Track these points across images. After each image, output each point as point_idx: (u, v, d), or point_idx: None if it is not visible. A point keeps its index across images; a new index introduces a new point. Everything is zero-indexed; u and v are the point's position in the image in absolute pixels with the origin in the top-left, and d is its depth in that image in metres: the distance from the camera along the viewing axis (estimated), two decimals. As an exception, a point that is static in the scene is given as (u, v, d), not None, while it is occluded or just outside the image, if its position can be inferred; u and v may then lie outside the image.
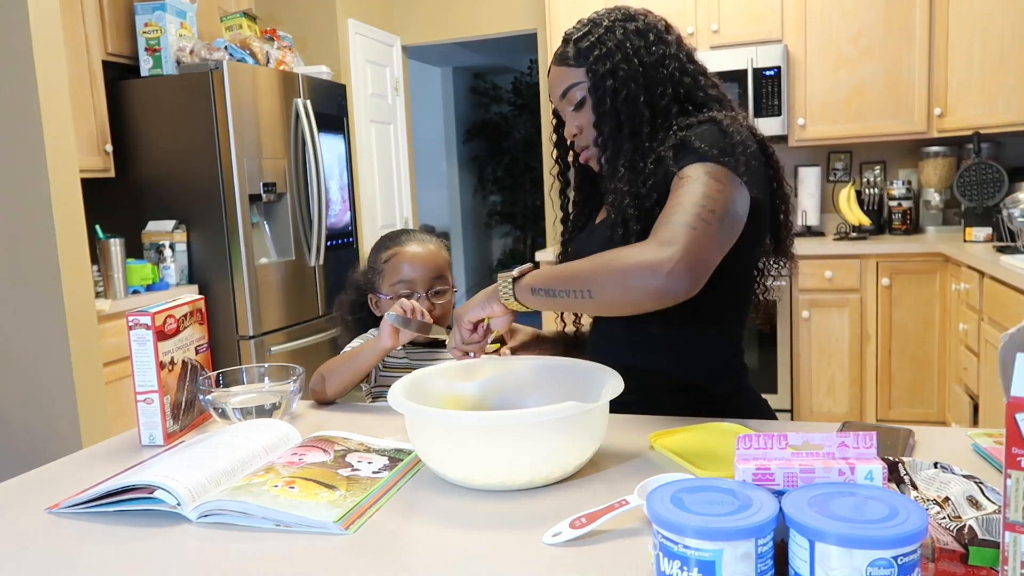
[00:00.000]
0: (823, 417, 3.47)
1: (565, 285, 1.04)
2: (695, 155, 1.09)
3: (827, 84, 3.59)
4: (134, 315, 1.11)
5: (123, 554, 0.78)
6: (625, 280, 0.99)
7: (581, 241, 1.34)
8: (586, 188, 1.38)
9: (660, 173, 1.14)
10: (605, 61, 1.18)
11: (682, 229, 1.00)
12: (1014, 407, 0.54)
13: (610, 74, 1.18)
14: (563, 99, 1.24)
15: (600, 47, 1.19)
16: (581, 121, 1.23)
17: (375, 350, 1.30)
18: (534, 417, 0.87)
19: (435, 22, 4.55)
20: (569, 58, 1.22)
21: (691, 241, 0.99)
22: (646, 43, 1.20)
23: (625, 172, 1.17)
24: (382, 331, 1.29)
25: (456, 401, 1.10)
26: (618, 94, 1.18)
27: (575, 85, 1.22)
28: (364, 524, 0.82)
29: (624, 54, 1.18)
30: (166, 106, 3.11)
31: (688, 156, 1.10)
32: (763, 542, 0.58)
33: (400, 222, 4.62)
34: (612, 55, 1.18)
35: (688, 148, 1.10)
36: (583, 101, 1.22)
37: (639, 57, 1.18)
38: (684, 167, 1.09)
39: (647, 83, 1.18)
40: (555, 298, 1.06)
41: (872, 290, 3.38)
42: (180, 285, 3.10)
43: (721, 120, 1.14)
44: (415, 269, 1.46)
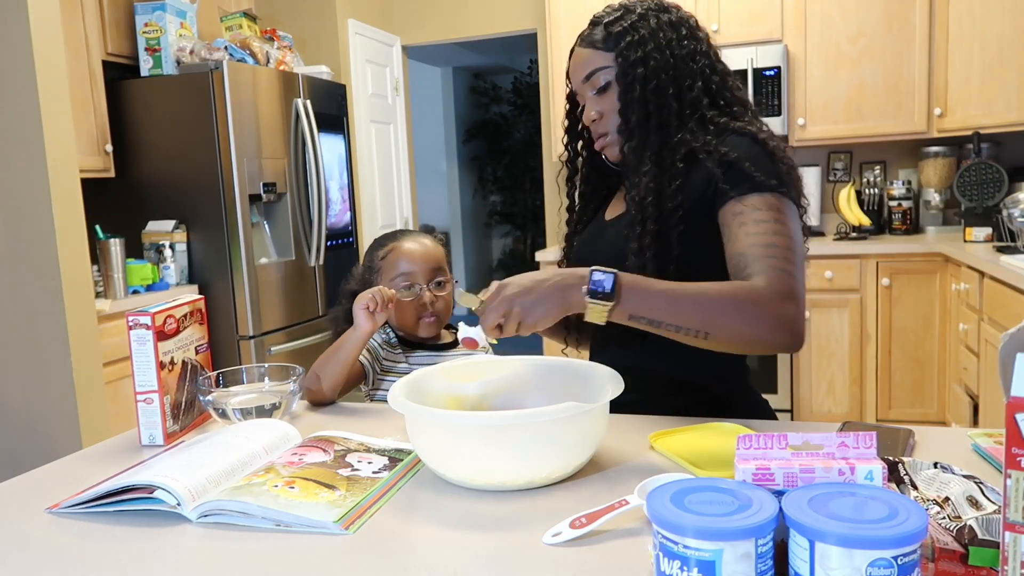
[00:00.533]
0: (823, 417, 3.47)
1: (678, 319, 0.99)
2: (751, 182, 1.08)
3: (827, 84, 3.59)
4: (134, 315, 1.11)
5: (123, 554, 0.78)
6: (754, 332, 0.99)
7: (589, 237, 1.32)
8: (593, 180, 1.35)
9: (695, 179, 1.13)
10: (637, 48, 1.16)
11: (789, 280, 1.02)
12: (1014, 407, 0.54)
13: (641, 62, 1.16)
14: (586, 82, 1.22)
15: (633, 33, 1.17)
16: (603, 107, 1.21)
17: (356, 337, 1.30)
18: (534, 417, 0.87)
19: (435, 22, 4.55)
20: (598, 41, 1.20)
21: (800, 294, 1.02)
22: (678, 36, 1.18)
23: (651, 167, 1.15)
24: (356, 316, 1.29)
25: (456, 401, 1.10)
26: (648, 83, 1.15)
27: (601, 69, 1.19)
28: (364, 524, 0.82)
29: (657, 44, 1.16)
30: (166, 106, 3.11)
31: (745, 182, 1.09)
32: (763, 542, 0.58)
33: (400, 222, 4.62)
34: (644, 43, 1.16)
35: (742, 172, 1.09)
36: (607, 86, 1.20)
37: (671, 49, 1.16)
38: (744, 195, 1.08)
39: (677, 75, 1.16)
40: (657, 328, 1.00)
41: (872, 290, 3.38)
42: (180, 285, 3.10)
43: (764, 140, 1.13)
44: (414, 263, 1.46)
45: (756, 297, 1.00)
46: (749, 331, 1.00)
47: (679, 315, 0.99)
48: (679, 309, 0.99)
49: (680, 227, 1.13)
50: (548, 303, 1.01)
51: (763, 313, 1.00)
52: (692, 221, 1.13)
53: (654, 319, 1.00)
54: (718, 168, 1.11)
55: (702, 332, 1.00)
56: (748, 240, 1.06)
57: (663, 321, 1.00)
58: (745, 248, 1.06)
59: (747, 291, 1.01)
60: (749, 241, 1.06)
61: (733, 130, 1.15)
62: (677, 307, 1.00)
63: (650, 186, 1.14)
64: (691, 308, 1.00)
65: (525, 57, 6.64)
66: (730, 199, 1.09)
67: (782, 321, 1.00)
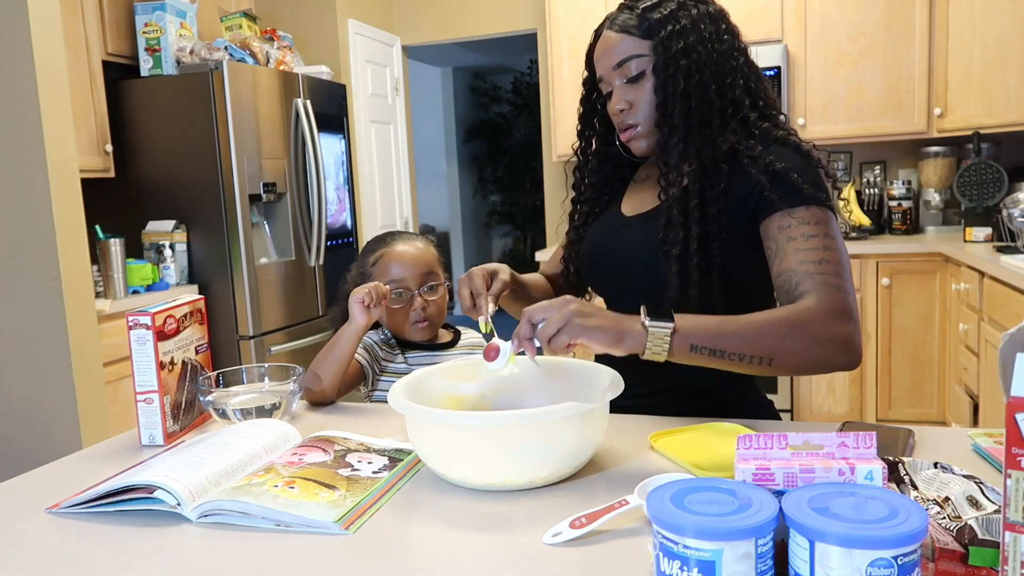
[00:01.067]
0: (823, 417, 3.47)
1: (739, 348, 0.96)
2: (799, 195, 1.07)
3: (827, 84, 3.59)
4: (134, 315, 1.11)
5: (123, 554, 0.78)
6: (815, 353, 0.99)
7: (605, 232, 1.27)
8: (606, 171, 1.30)
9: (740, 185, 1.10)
10: (679, 39, 1.10)
11: (846, 298, 1.02)
12: (1014, 407, 0.54)
13: (683, 53, 1.10)
14: (616, 69, 1.15)
15: (673, 22, 1.11)
16: (633, 97, 1.15)
17: (352, 330, 1.30)
18: (534, 417, 0.87)
19: (435, 22, 4.55)
20: (632, 26, 1.13)
21: (855, 312, 1.02)
22: (718, 29, 1.14)
23: (696, 165, 1.11)
24: (352, 309, 1.30)
25: (456, 401, 1.10)
26: (691, 77, 1.10)
27: (636, 57, 1.13)
28: (364, 524, 0.82)
29: (699, 36, 1.11)
30: (166, 106, 3.11)
31: (793, 195, 1.07)
32: (763, 542, 0.58)
33: (400, 222, 4.62)
34: (686, 34, 1.11)
35: (789, 183, 1.07)
36: (641, 76, 1.14)
37: (712, 43, 1.12)
38: (793, 208, 1.07)
39: (718, 71, 1.12)
40: (720, 358, 0.97)
41: (872, 290, 3.38)
42: (180, 285, 3.10)
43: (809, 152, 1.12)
44: (404, 268, 1.45)
45: (813, 319, 0.99)
46: (812, 354, 0.99)
47: (740, 344, 0.97)
48: (740, 337, 0.97)
49: (723, 233, 1.10)
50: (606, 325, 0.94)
51: (822, 335, 0.99)
52: (734, 227, 1.11)
53: (716, 348, 0.96)
54: (764, 176, 1.08)
55: (766, 359, 0.98)
56: (798, 256, 1.04)
57: (725, 350, 0.96)
58: (795, 265, 1.04)
59: (804, 314, 0.99)
60: (799, 257, 1.04)
61: (777, 139, 1.12)
62: (738, 335, 0.97)
63: (695, 187, 1.11)
64: (752, 336, 0.97)
65: (525, 57, 6.64)
66: (777, 211, 1.07)
67: (841, 341, 0.99)
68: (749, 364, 0.98)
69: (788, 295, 1.05)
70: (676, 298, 1.11)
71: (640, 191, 1.27)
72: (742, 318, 0.99)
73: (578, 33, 3.85)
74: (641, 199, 1.25)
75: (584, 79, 1.26)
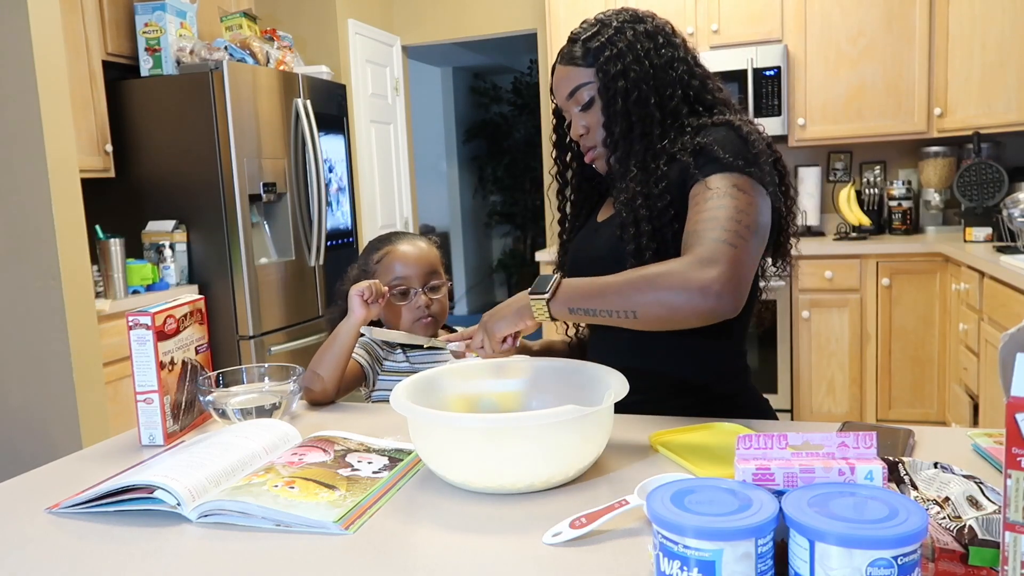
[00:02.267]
0: (823, 417, 3.47)
1: (606, 305, 1.02)
2: (718, 164, 1.08)
3: (827, 84, 3.59)
4: (134, 315, 1.11)
5: (123, 554, 0.78)
6: (673, 301, 0.99)
7: (583, 239, 1.33)
8: (584, 188, 1.38)
9: (674, 174, 1.14)
10: (616, 62, 1.18)
11: (722, 247, 1.01)
12: (1014, 407, 0.54)
13: (621, 75, 1.17)
14: (570, 99, 1.24)
15: (611, 48, 1.19)
16: (588, 121, 1.23)
17: (350, 325, 1.32)
18: (533, 420, 0.86)
19: (435, 22, 4.55)
20: (577, 58, 1.21)
21: (733, 259, 1.00)
22: (655, 45, 1.19)
23: (637, 172, 1.17)
24: (351, 303, 1.32)
25: (466, 401, 1.10)
26: (629, 95, 1.17)
27: (584, 85, 1.21)
28: (364, 524, 0.82)
29: (635, 55, 1.18)
30: (166, 106, 3.11)
31: (711, 165, 1.09)
32: (763, 542, 0.58)
33: (400, 222, 4.62)
34: (623, 56, 1.18)
35: (710, 156, 1.10)
36: (591, 101, 1.21)
37: (649, 59, 1.18)
38: (708, 176, 1.08)
39: (657, 85, 1.18)
40: (595, 316, 1.04)
41: (872, 290, 3.38)
42: (180, 285, 3.10)
43: (739, 126, 1.13)
44: (408, 266, 1.46)
45: (673, 269, 1.00)
46: (668, 301, 0.99)
47: (606, 301, 1.02)
48: (605, 295, 1.02)
49: (675, 225, 1.13)
50: (505, 315, 1.10)
51: (677, 282, 0.99)
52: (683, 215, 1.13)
53: (588, 308, 1.04)
54: (690, 157, 1.12)
55: (629, 312, 1.02)
56: (697, 218, 1.06)
57: (595, 308, 1.03)
58: (691, 226, 1.06)
59: (666, 266, 1.02)
60: (697, 218, 1.06)
61: (712, 124, 1.16)
62: (604, 294, 1.03)
63: (637, 189, 1.16)
64: (614, 292, 1.02)
65: (525, 57, 6.64)
66: (696, 181, 1.10)
67: (697, 286, 0.98)
68: (619, 319, 1.03)
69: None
70: None
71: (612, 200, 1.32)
72: (612, 277, 1.04)
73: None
74: (610, 206, 1.30)
75: (553, 109, 1.33)
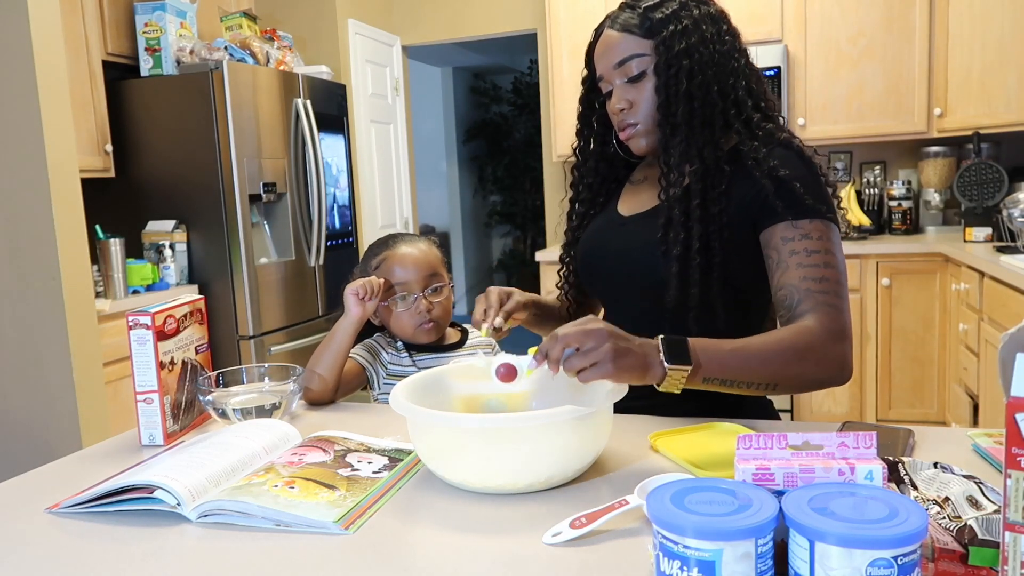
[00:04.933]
0: (823, 417, 3.47)
1: (748, 377, 0.99)
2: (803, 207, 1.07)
3: (827, 84, 3.59)
4: (134, 315, 1.11)
5: (123, 554, 0.78)
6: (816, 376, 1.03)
7: (603, 231, 1.27)
8: (603, 171, 1.30)
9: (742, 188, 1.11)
10: (681, 39, 1.10)
11: (845, 318, 1.05)
12: (1014, 407, 0.54)
13: (685, 53, 1.10)
14: (617, 68, 1.15)
15: (676, 22, 1.11)
16: (635, 96, 1.15)
17: (347, 323, 1.32)
18: (532, 421, 0.86)
19: (435, 22, 4.55)
20: (634, 25, 1.13)
21: (850, 328, 1.05)
22: (719, 31, 1.14)
23: (698, 165, 1.12)
24: (347, 301, 1.32)
25: (470, 401, 1.09)
26: (693, 77, 1.10)
27: (637, 56, 1.13)
28: (364, 524, 0.82)
29: (701, 36, 1.11)
30: (166, 106, 3.11)
31: (797, 205, 1.07)
32: (763, 542, 0.58)
33: (400, 222, 4.62)
34: (688, 34, 1.11)
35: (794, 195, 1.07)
36: (642, 75, 1.14)
37: (714, 44, 1.12)
38: (799, 219, 1.07)
39: (719, 73, 1.12)
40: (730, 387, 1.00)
41: (872, 290, 3.38)
42: (180, 285, 3.10)
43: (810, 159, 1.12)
44: (407, 270, 1.43)
45: (814, 342, 1.01)
46: (811, 376, 1.03)
47: (749, 373, 0.99)
48: (749, 367, 0.99)
49: (725, 233, 1.11)
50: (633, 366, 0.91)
51: (821, 357, 1.02)
52: (735, 228, 1.12)
53: (726, 379, 0.98)
54: (768, 182, 1.08)
55: (771, 384, 1.01)
56: (800, 272, 1.06)
57: (735, 380, 0.99)
58: (796, 281, 1.06)
59: (805, 338, 1.02)
60: (801, 274, 1.06)
61: (780, 142, 1.12)
62: (747, 366, 0.99)
63: (697, 187, 1.11)
64: (759, 364, 0.99)
65: (525, 57, 6.64)
66: (781, 221, 1.08)
67: (838, 361, 1.03)
68: (756, 389, 1.02)
69: (788, 311, 1.07)
70: (676, 297, 1.11)
71: (638, 192, 1.28)
72: (750, 346, 1.01)
73: (578, 33, 3.85)
74: (639, 200, 1.26)
75: (583, 78, 1.26)
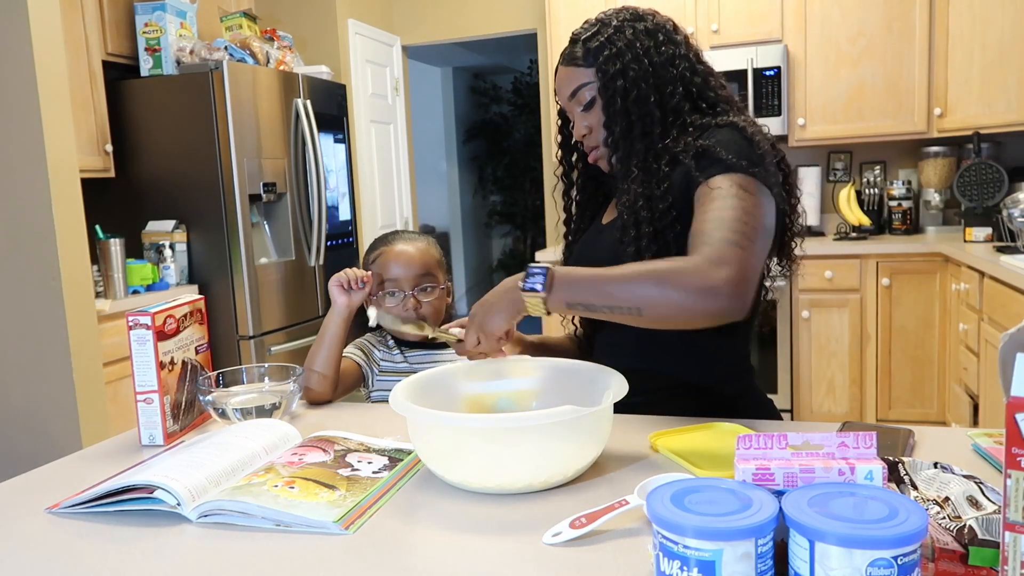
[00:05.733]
0: (823, 417, 3.47)
1: (608, 300, 1.00)
2: (721, 165, 1.08)
3: (827, 84, 3.59)
4: (134, 315, 1.11)
5: (123, 554, 0.78)
6: (682, 300, 0.97)
7: (587, 241, 1.33)
8: (589, 189, 1.37)
9: (677, 176, 1.13)
10: (615, 61, 1.17)
11: (731, 248, 1.00)
12: (1014, 407, 0.54)
13: (620, 74, 1.17)
14: (572, 99, 1.23)
15: (610, 47, 1.18)
16: (591, 121, 1.23)
17: (335, 316, 1.34)
18: (532, 421, 0.86)
19: (435, 22, 4.55)
20: (578, 58, 1.21)
21: (742, 260, 0.99)
22: (655, 43, 1.19)
23: (638, 173, 1.17)
24: (331, 293, 1.35)
25: (473, 402, 1.09)
26: (628, 94, 1.17)
27: (584, 85, 1.21)
28: (364, 524, 0.82)
29: (634, 54, 1.18)
30: (166, 106, 3.11)
31: (715, 166, 1.09)
32: (763, 542, 0.58)
33: (400, 222, 4.62)
34: (622, 55, 1.17)
35: (713, 157, 1.09)
36: (592, 101, 1.21)
37: (649, 57, 1.18)
38: (712, 177, 1.08)
39: (657, 83, 1.17)
40: (596, 311, 1.01)
41: (872, 290, 3.38)
42: (180, 285, 3.10)
43: (744, 127, 1.13)
44: (399, 267, 1.46)
45: (683, 267, 0.99)
46: (677, 300, 0.97)
47: (609, 296, 1.00)
48: (608, 290, 1.00)
49: (676, 227, 1.13)
50: (498, 309, 1.07)
51: (688, 281, 0.97)
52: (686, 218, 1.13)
53: (588, 303, 1.01)
54: (692, 160, 1.11)
55: (634, 308, 0.99)
56: (703, 218, 1.06)
57: (595, 304, 1.00)
58: (698, 226, 1.06)
59: (675, 263, 1.00)
60: (704, 218, 1.06)
61: (716, 125, 1.15)
62: (606, 289, 1.00)
63: (638, 191, 1.15)
64: (618, 287, 0.99)
65: (525, 57, 6.64)
66: (700, 183, 1.10)
67: (708, 286, 0.97)
68: (621, 314, 1.00)
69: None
70: None
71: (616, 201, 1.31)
72: (617, 270, 1.01)
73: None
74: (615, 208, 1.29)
75: (558, 110, 1.33)
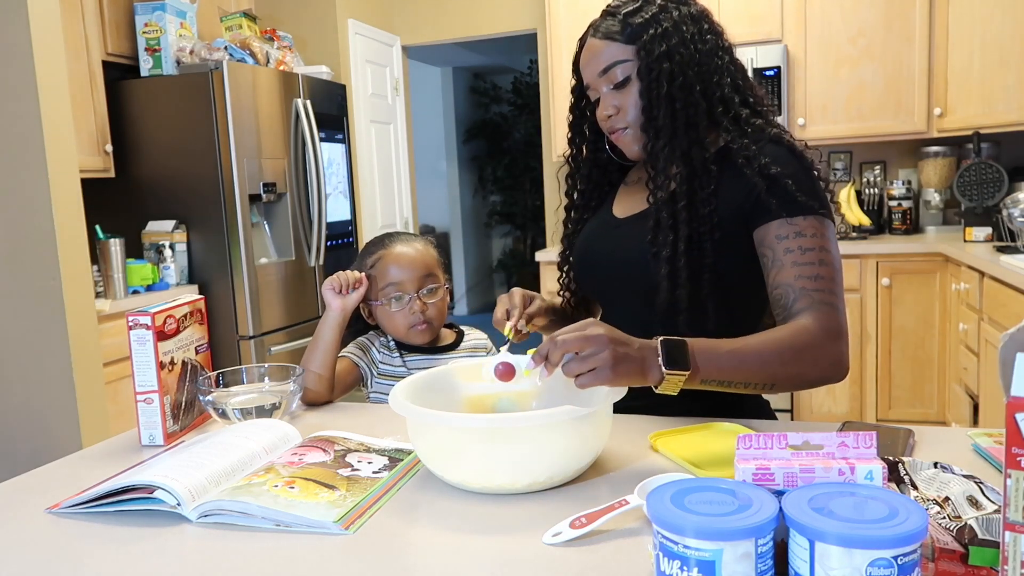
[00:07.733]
0: (823, 417, 3.47)
1: (745, 378, 0.99)
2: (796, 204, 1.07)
3: (827, 84, 3.59)
4: (134, 315, 1.11)
5: (123, 554, 0.78)
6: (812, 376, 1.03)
7: (597, 235, 1.28)
8: (595, 177, 1.32)
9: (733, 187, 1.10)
10: (661, 42, 1.11)
11: (841, 317, 1.05)
12: (1014, 407, 0.54)
13: (666, 56, 1.11)
14: (602, 75, 1.16)
15: (656, 26, 1.12)
16: (621, 102, 1.16)
17: (329, 321, 1.34)
18: (530, 421, 0.86)
19: (435, 22, 4.55)
20: (615, 32, 1.14)
21: (844, 325, 1.05)
22: (700, 30, 1.14)
23: (682, 167, 1.12)
24: (325, 297, 1.35)
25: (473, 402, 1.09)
26: (675, 79, 1.11)
27: (620, 63, 1.14)
28: (364, 524, 0.82)
29: (681, 38, 1.12)
30: (166, 106, 3.11)
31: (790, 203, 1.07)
32: (763, 542, 0.58)
33: (400, 222, 4.62)
34: (668, 36, 1.11)
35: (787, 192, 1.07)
36: (627, 81, 1.14)
37: (695, 44, 1.12)
38: (792, 218, 1.07)
39: (702, 72, 1.12)
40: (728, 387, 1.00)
41: (872, 290, 3.38)
42: (180, 285, 3.10)
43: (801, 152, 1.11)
44: (402, 270, 1.43)
45: (811, 342, 1.01)
46: (808, 375, 1.03)
47: (747, 374, 0.99)
48: (746, 368, 0.99)
49: (716, 234, 1.11)
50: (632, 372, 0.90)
51: (819, 356, 1.02)
52: (726, 228, 1.11)
53: (725, 380, 0.99)
54: (760, 180, 1.08)
55: (769, 384, 1.01)
56: (795, 271, 1.06)
57: (733, 381, 0.99)
58: (791, 280, 1.06)
59: (802, 337, 1.02)
60: (796, 272, 1.05)
61: (770, 138, 1.12)
62: (745, 366, 0.99)
63: (682, 189, 1.11)
64: (756, 365, 0.99)
65: (525, 57, 6.64)
66: (775, 219, 1.07)
67: (835, 360, 1.03)
68: (754, 389, 1.02)
69: (784, 310, 1.06)
70: (666, 299, 1.12)
71: (632, 193, 1.28)
72: (748, 347, 1.00)
73: (578, 33, 3.80)
74: (633, 201, 1.26)
75: (572, 87, 1.27)
